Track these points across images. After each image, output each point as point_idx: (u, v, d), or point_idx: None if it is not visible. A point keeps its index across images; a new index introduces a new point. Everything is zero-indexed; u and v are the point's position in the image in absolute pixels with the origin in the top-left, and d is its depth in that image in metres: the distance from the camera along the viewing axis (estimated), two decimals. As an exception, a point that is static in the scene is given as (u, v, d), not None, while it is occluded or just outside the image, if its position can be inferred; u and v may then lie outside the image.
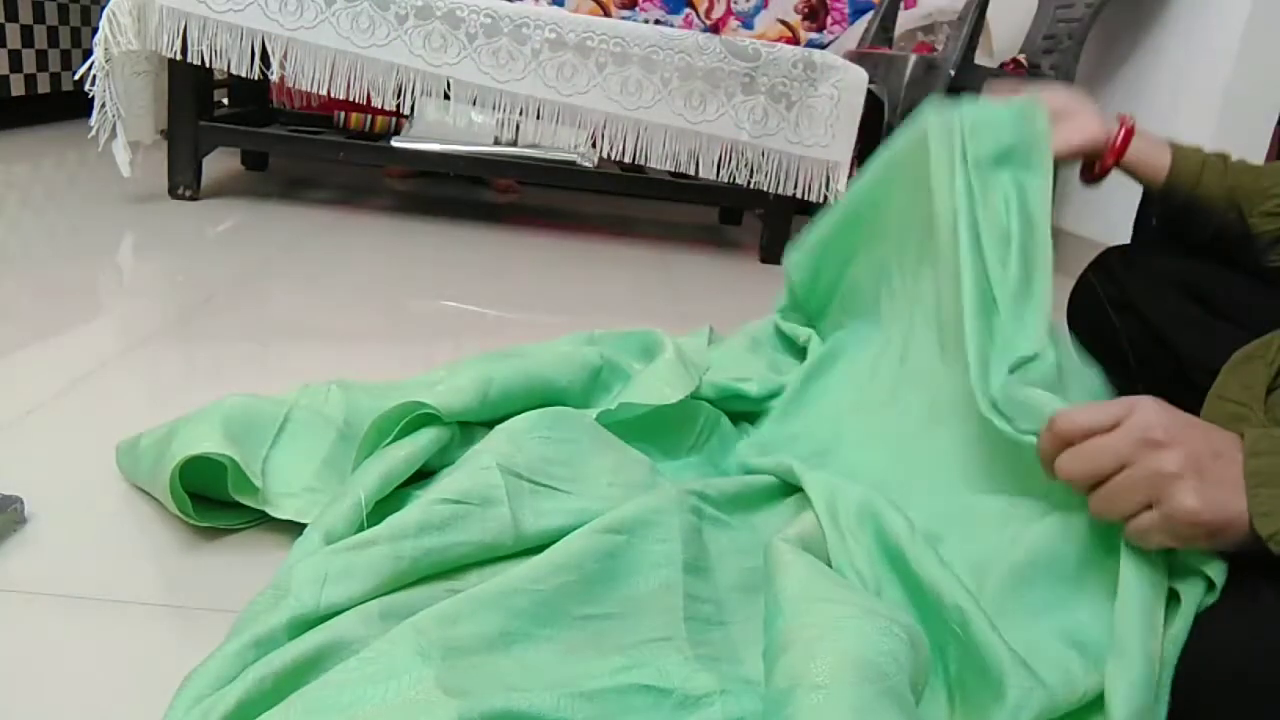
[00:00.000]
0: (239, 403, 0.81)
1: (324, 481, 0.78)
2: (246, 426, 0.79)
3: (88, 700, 0.55)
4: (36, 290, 1.29)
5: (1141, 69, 2.25)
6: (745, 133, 1.92)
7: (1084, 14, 2.18)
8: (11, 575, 0.66)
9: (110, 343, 1.12)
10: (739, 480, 0.78)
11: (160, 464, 0.73)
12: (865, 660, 0.50)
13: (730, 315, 1.65)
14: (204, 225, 1.78)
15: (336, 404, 0.88)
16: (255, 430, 0.80)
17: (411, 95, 1.84)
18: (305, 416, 0.84)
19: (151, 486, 0.76)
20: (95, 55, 1.73)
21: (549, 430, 0.78)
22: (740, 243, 2.31)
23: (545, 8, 2.06)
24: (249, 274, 1.48)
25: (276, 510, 0.74)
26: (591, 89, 1.87)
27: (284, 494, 0.76)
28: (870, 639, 0.51)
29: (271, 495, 0.75)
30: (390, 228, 1.97)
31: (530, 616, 0.57)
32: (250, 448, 0.78)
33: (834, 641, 0.51)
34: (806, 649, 0.51)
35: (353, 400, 0.89)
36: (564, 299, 1.60)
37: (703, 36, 1.89)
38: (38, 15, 2.67)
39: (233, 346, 1.17)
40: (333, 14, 1.78)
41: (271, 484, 0.76)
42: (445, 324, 1.37)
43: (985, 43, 2.45)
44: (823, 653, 0.51)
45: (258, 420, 0.81)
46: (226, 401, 0.81)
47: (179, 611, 0.64)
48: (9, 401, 0.92)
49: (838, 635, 0.52)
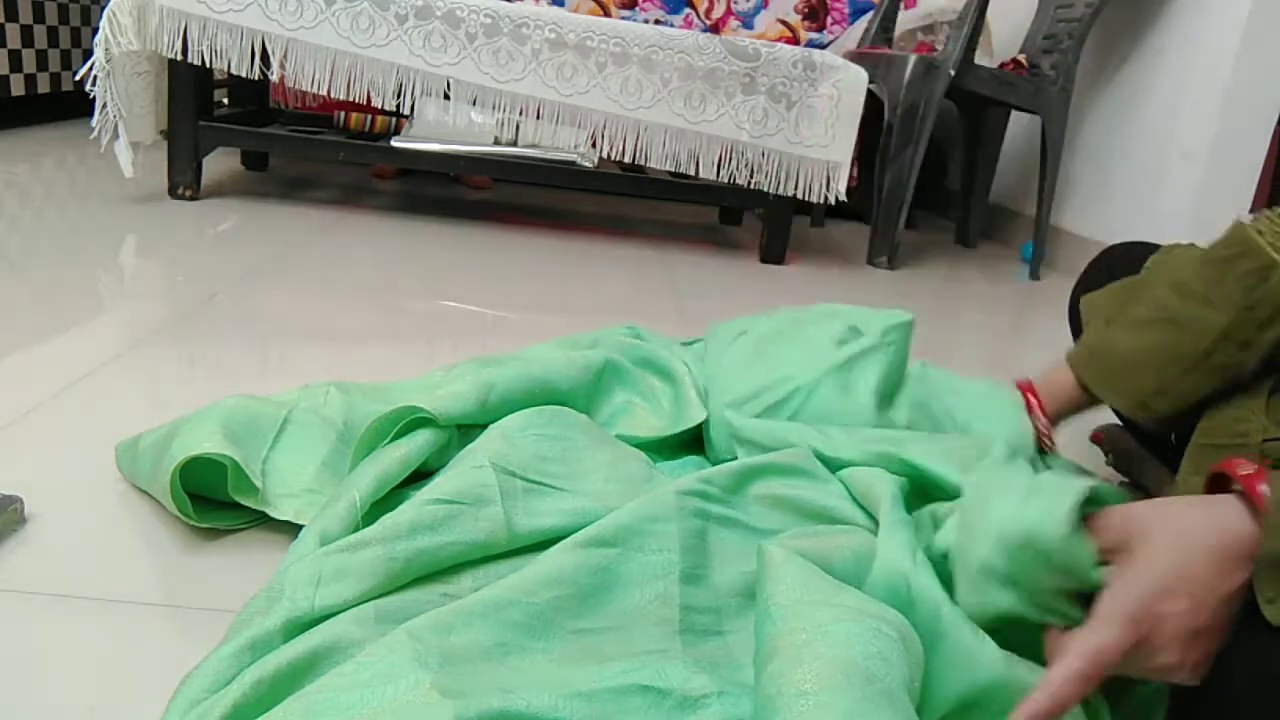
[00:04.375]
0: (238, 404, 0.81)
1: (323, 483, 0.78)
2: (246, 427, 0.79)
3: (88, 700, 0.55)
4: (36, 290, 1.29)
5: (1141, 69, 2.25)
6: (745, 133, 1.92)
7: (1084, 14, 2.18)
8: (11, 575, 0.66)
9: (110, 343, 1.12)
10: (739, 465, 0.78)
11: (160, 465, 0.73)
12: (853, 663, 0.49)
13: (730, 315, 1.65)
14: (204, 225, 1.78)
15: (336, 406, 0.88)
16: (255, 431, 0.80)
17: (411, 95, 1.84)
18: (304, 418, 0.84)
19: (151, 487, 0.76)
20: (96, 55, 1.73)
21: (543, 428, 0.78)
22: (740, 243, 2.31)
23: (545, 8, 2.06)
24: (249, 274, 1.48)
25: (276, 511, 0.74)
26: (591, 89, 1.87)
27: (283, 495, 0.76)
28: (858, 641, 0.51)
29: (271, 496, 0.75)
30: (390, 228, 1.97)
31: (524, 629, 0.57)
32: (250, 449, 0.78)
33: (821, 647, 0.51)
34: (794, 655, 0.51)
35: (351, 402, 0.89)
36: (564, 299, 1.60)
37: (703, 36, 1.89)
38: (38, 15, 2.67)
39: (233, 346, 1.17)
40: (333, 14, 1.78)
41: (271, 485, 0.76)
42: (445, 324, 1.37)
43: (985, 43, 2.45)
44: (810, 658, 0.50)
45: (257, 421, 0.81)
46: (226, 402, 0.81)
47: (179, 611, 0.64)
48: (9, 401, 0.92)
49: (825, 640, 0.51)
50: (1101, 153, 2.36)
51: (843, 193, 1.96)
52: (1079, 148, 2.43)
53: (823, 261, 2.20)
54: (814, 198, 1.96)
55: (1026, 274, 2.31)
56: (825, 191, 1.96)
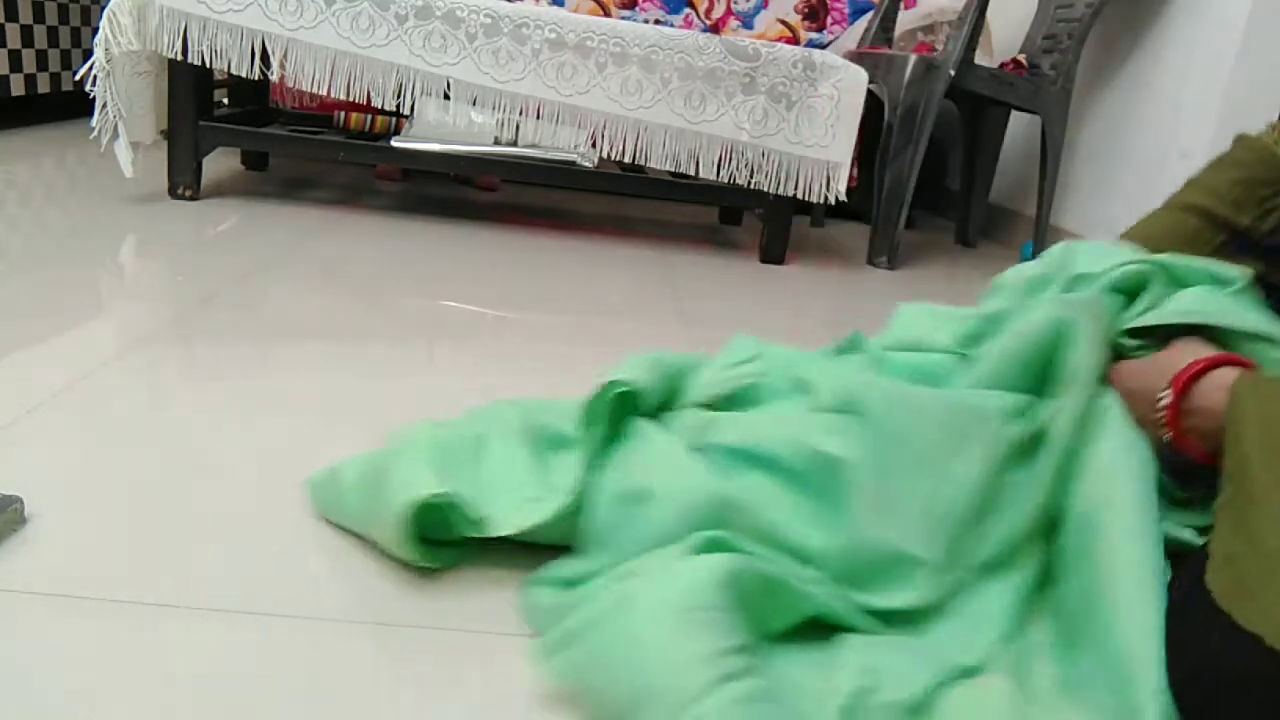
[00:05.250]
0: (429, 434, 0.81)
1: (538, 490, 0.78)
2: (449, 456, 0.79)
3: (88, 700, 0.55)
4: (36, 290, 1.29)
5: (1141, 69, 2.25)
6: (745, 133, 1.92)
7: (1084, 14, 2.18)
8: (11, 575, 0.66)
9: (110, 343, 1.12)
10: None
11: (379, 508, 0.72)
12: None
13: (730, 315, 1.65)
14: (204, 225, 1.78)
15: (513, 418, 0.87)
16: (458, 458, 0.79)
17: (411, 95, 1.84)
18: (496, 436, 0.84)
19: (363, 528, 0.75)
20: (96, 55, 1.73)
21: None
22: (740, 243, 2.32)
23: (545, 8, 2.06)
24: (249, 274, 1.48)
25: (500, 531, 0.73)
26: (591, 89, 1.87)
27: (502, 512, 0.75)
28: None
29: (491, 519, 0.74)
30: (390, 228, 1.97)
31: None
32: (460, 476, 0.77)
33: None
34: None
35: (525, 410, 0.88)
36: (564, 299, 1.60)
37: (703, 36, 1.89)
38: (38, 15, 2.67)
39: (233, 346, 1.17)
40: (333, 14, 1.78)
41: (488, 507, 0.75)
42: (445, 324, 1.37)
43: (985, 43, 2.45)
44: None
45: (456, 448, 0.80)
46: (419, 436, 0.80)
47: (178, 611, 0.64)
48: (9, 401, 0.92)
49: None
50: (1101, 153, 2.36)
51: (843, 193, 1.96)
52: (1079, 148, 2.44)
53: (823, 261, 2.20)
54: (814, 198, 1.96)
55: (1026, 274, 2.31)
56: (825, 191, 1.96)
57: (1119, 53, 2.33)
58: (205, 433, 0.91)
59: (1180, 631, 0.58)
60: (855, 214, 2.70)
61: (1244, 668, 0.53)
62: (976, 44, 2.12)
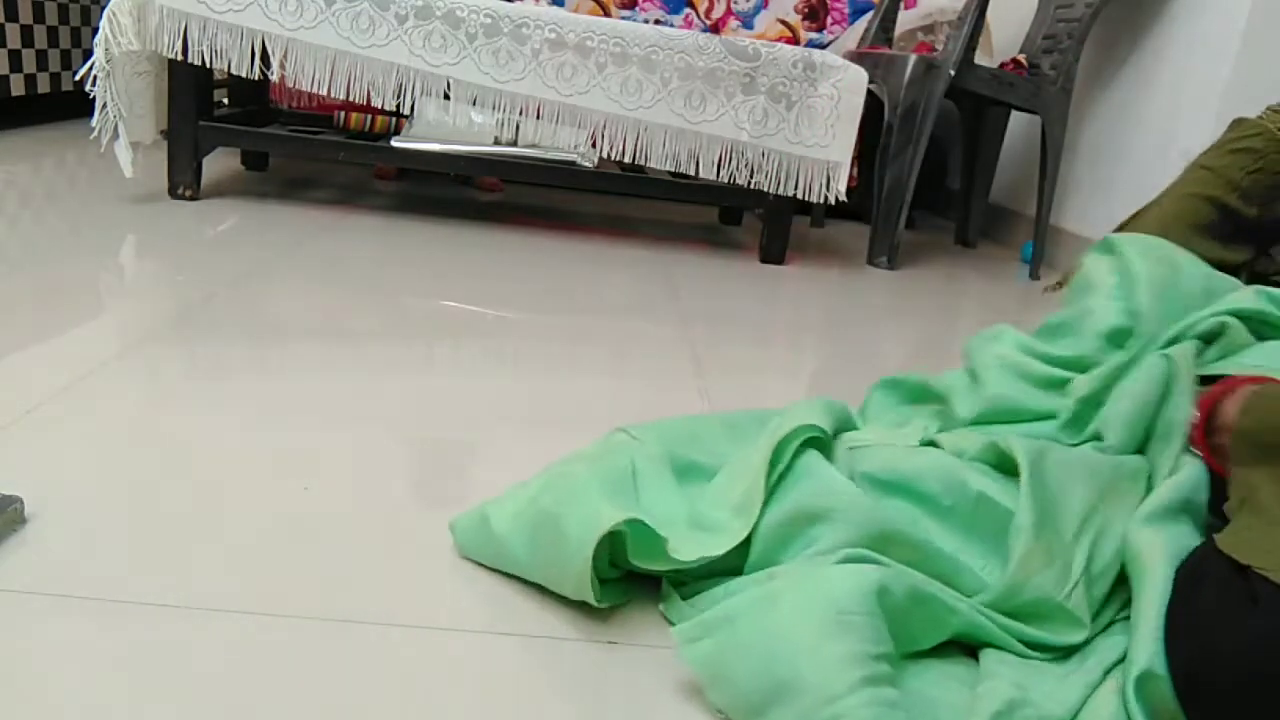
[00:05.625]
0: (580, 471, 0.77)
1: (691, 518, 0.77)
2: (611, 487, 0.76)
3: (88, 700, 0.55)
4: (36, 290, 1.29)
5: (1141, 69, 2.25)
6: (745, 133, 1.92)
7: (1084, 14, 2.18)
8: (11, 575, 0.66)
9: (110, 343, 1.12)
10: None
11: (558, 553, 0.69)
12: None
13: (730, 315, 1.65)
14: (204, 225, 1.78)
15: (653, 445, 0.84)
16: (619, 489, 0.77)
17: (411, 95, 1.84)
18: (643, 463, 0.82)
19: (533, 574, 0.73)
20: (96, 55, 1.73)
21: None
22: (740, 243, 2.32)
23: (545, 8, 2.06)
24: (249, 274, 1.48)
25: (683, 555, 0.71)
26: (591, 89, 1.87)
27: (678, 539, 0.73)
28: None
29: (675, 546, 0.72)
30: (390, 228, 1.97)
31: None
32: (633, 508, 0.74)
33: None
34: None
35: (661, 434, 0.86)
36: (564, 299, 1.60)
37: (703, 36, 1.89)
38: (38, 15, 2.67)
39: (233, 346, 1.17)
40: (333, 14, 1.78)
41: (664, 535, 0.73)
42: (445, 324, 1.37)
43: (985, 43, 2.45)
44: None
45: (616, 481, 0.78)
46: (577, 473, 0.77)
47: (178, 612, 0.64)
48: (9, 401, 0.92)
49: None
50: (1101, 153, 2.36)
51: (843, 193, 1.96)
52: (1079, 148, 2.44)
53: (823, 261, 2.20)
54: (814, 198, 1.96)
55: (1026, 274, 2.31)
56: (825, 191, 1.96)
57: (1119, 53, 2.33)
58: (205, 432, 0.91)
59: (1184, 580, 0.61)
60: (855, 214, 2.70)
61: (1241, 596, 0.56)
62: (976, 44, 2.12)
